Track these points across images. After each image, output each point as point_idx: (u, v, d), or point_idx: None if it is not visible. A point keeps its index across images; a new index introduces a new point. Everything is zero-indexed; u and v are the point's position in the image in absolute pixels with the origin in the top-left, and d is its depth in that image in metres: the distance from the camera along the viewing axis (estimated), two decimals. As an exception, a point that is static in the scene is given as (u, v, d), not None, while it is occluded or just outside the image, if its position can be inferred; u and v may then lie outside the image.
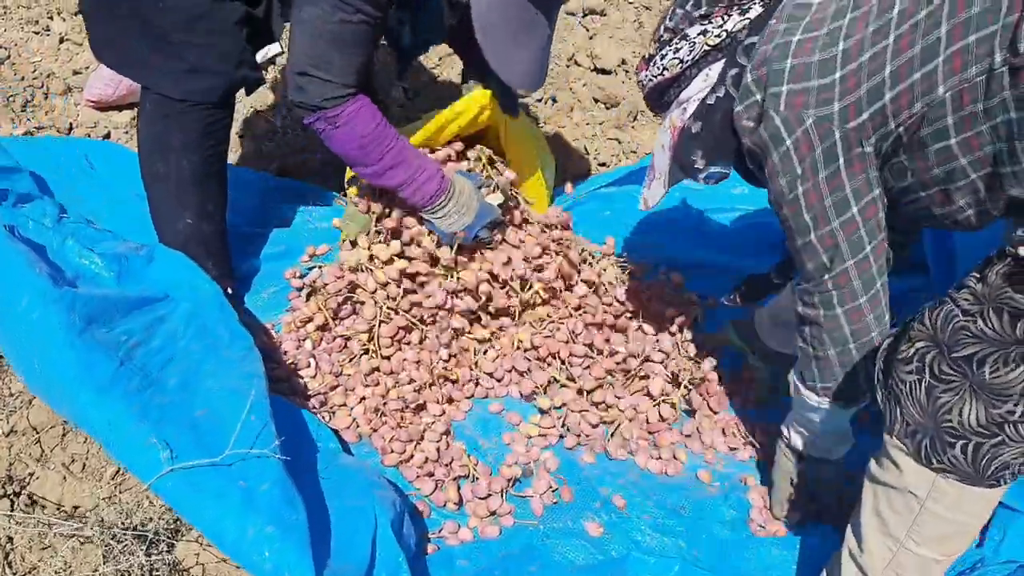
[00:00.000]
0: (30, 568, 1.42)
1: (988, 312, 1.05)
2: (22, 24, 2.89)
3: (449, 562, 1.57)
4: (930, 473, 1.16)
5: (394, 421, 1.79)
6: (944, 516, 1.18)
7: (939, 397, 1.12)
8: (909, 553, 1.24)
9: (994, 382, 1.06)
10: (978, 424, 1.09)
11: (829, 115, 1.19)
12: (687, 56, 1.36)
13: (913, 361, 1.15)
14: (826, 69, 1.18)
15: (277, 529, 1.23)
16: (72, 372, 1.36)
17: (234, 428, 1.31)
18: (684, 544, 1.64)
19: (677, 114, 1.41)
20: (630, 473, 1.79)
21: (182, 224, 1.82)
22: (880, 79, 1.14)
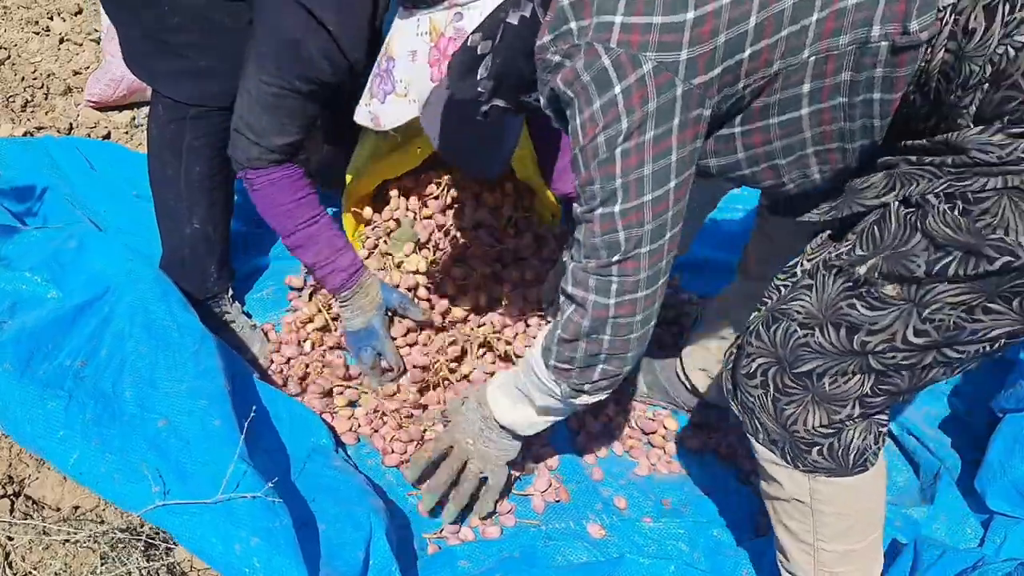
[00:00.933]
0: (30, 569, 1.42)
1: (826, 327, 1.08)
2: (22, 24, 2.89)
3: (450, 562, 1.57)
4: (803, 477, 1.20)
5: (395, 421, 1.79)
6: (836, 512, 1.21)
7: (784, 409, 1.15)
8: (826, 552, 1.27)
9: (833, 392, 1.11)
10: (822, 427, 1.14)
11: (673, 63, 0.95)
12: None
13: (757, 376, 1.17)
14: (675, 5, 0.94)
15: (263, 540, 1.21)
16: (25, 428, 1.30)
17: (196, 440, 1.28)
18: (685, 546, 1.64)
19: (445, 18, 1.11)
20: (631, 474, 1.79)
21: (189, 229, 1.82)
22: (743, 30, 0.95)
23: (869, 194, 1.05)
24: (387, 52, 1.19)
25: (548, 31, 1.02)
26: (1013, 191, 0.91)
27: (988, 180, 0.92)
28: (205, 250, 1.85)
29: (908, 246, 0.99)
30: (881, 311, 1.03)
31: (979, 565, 1.41)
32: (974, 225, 0.93)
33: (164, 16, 1.60)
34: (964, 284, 0.97)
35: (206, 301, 1.90)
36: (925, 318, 1.01)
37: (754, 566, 1.59)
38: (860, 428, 1.15)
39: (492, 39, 1.07)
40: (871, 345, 1.06)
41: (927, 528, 1.61)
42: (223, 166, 1.78)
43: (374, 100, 1.22)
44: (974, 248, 0.94)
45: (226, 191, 1.85)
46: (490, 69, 1.08)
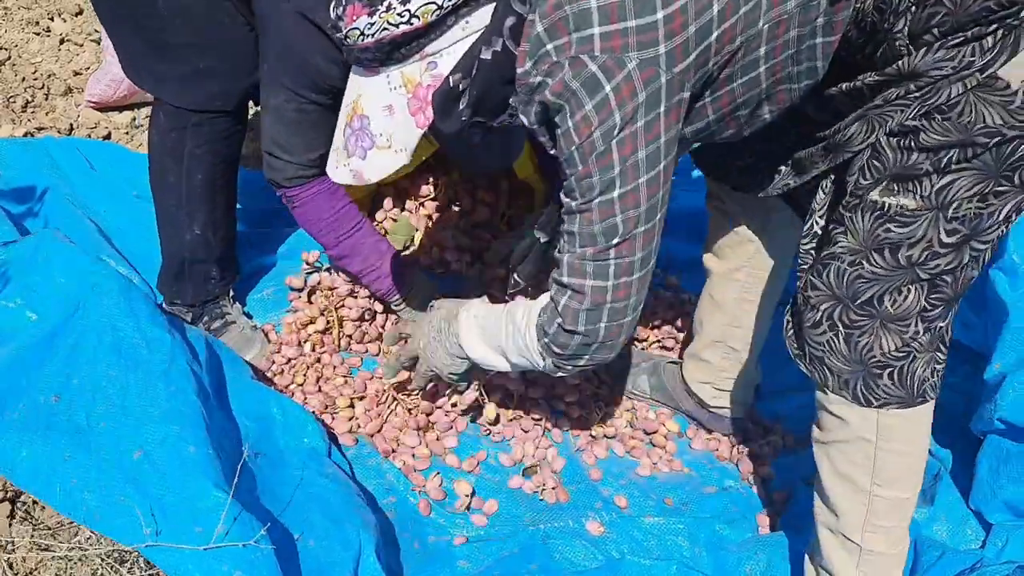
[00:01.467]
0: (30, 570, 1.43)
1: (871, 254, 1.20)
2: (23, 25, 2.89)
3: (450, 562, 1.57)
4: (872, 412, 1.29)
5: (399, 420, 1.79)
6: (897, 449, 1.30)
7: (858, 341, 1.25)
8: (880, 499, 1.33)
9: (897, 312, 1.22)
10: (896, 350, 1.24)
11: (655, 58, 1.05)
12: (445, 1, 1.11)
13: (823, 322, 1.27)
14: (645, 7, 1.03)
15: (245, 573, 1.19)
16: (6, 472, 1.29)
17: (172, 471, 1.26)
18: (686, 543, 1.64)
19: (418, 69, 1.17)
20: (632, 473, 1.79)
21: (190, 235, 1.82)
22: (709, 17, 1.06)
23: (855, 142, 1.17)
24: (355, 112, 1.23)
25: (527, 59, 1.10)
26: (974, 90, 1.05)
27: (951, 88, 1.05)
28: (205, 255, 1.85)
29: (910, 161, 1.12)
30: (913, 224, 1.16)
31: (978, 567, 1.41)
32: (960, 123, 1.07)
33: (162, 19, 1.59)
34: (971, 172, 1.10)
35: (206, 303, 1.90)
36: (951, 217, 1.14)
37: (757, 563, 1.59)
38: (925, 358, 1.26)
39: (468, 75, 1.14)
40: (915, 257, 1.18)
41: (927, 529, 1.61)
42: (224, 172, 1.78)
43: (352, 158, 1.25)
44: (966, 141, 1.08)
45: (227, 197, 1.85)
46: (468, 100, 1.15)
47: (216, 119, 1.71)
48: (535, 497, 1.72)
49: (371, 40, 1.14)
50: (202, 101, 1.69)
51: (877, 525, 1.35)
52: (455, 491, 1.69)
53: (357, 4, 1.13)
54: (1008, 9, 0.99)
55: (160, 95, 1.74)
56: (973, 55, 1.03)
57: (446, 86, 1.15)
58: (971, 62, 1.04)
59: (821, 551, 1.43)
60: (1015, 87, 1.03)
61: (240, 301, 2.02)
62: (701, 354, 1.80)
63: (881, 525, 1.35)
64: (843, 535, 1.38)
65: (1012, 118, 1.05)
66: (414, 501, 1.67)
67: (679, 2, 1.04)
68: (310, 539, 1.36)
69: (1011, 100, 1.04)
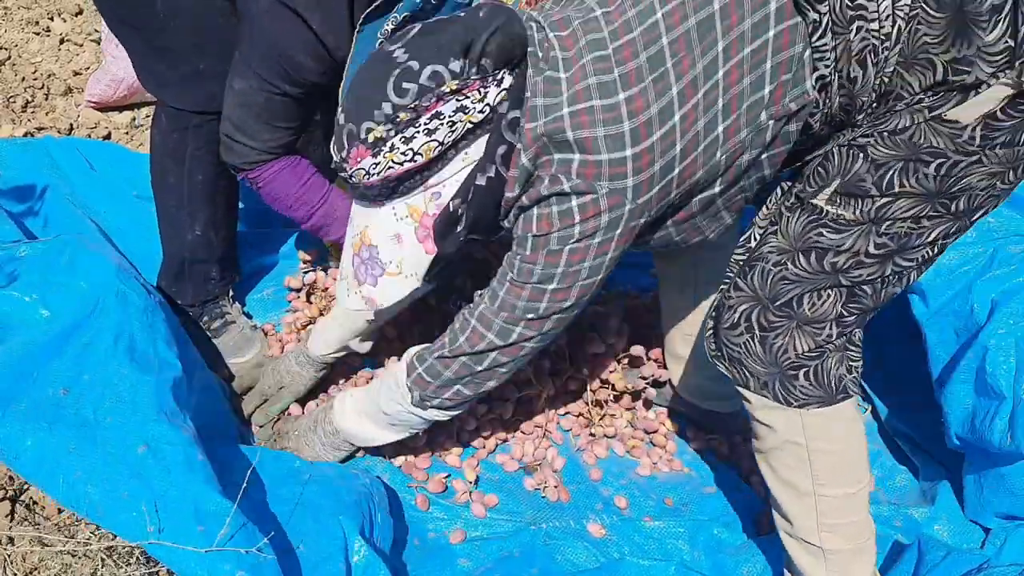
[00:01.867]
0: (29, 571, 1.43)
1: (798, 256, 1.24)
2: (23, 25, 2.89)
3: (450, 561, 1.57)
4: (795, 414, 1.33)
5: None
6: (828, 448, 1.34)
7: (773, 343, 1.30)
8: (826, 499, 1.36)
9: (813, 314, 1.27)
10: (808, 351, 1.29)
11: (623, 188, 1.18)
12: (447, 137, 1.19)
13: (740, 323, 1.32)
14: (616, 145, 1.15)
15: (248, 573, 1.19)
16: (11, 462, 1.29)
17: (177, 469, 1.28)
18: (685, 545, 1.64)
19: (423, 199, 1.25)
20: (632, 473, 1.79)
21: (191, 235, 1.82)
22: (672, 155, 1.18)
23: (806, 153, 1.25)
24: (364, 241, 1.31)
25: (516, 185, 1.22)
26: (924, 123, 1.11)
27: (901, 119, 1.12)
28: (206, 255, 1.85)
29: (854, 170, 1.17)
30: (845, 233, 1.21)
31: (984, 568, 1.41)
32: (910, 141, 1.12)
33: (161, 21, 1.59)
34: (911, 197, 1.16)
35: (206, 303, 1.90)
36: (882, 232, 1.19)
37: (755, 565, 1.59)
38: (836, 357, 1.30)
39: (465, 200, 1.24)
40: (840, 263, 1.23)
41: (928, 528, 1.61)
42: (226, 174, 1.78)
43: (364, 286, 1.34)
44: (912, 156, 1.13)
45: (228, 197, 1.85)
46: (466, 223, 1.27)
47: (217, 120, 1.71)
48: (536, 494, 1.72)
49: (377, 179, 1.21)
50: (202, 102, 1.69)
51: (830, 524, 1.37)
52: (454, 487, 1.69)
53: (361, 147, 1.19)
54: (968, 88, 1.07)
55: (161, 97, 1.74)
56: (923, 95, 1.11)
57: (447, 211, 1.25)
58: (920, 99, 1.11)
59: (792, 560, 1.44)
60: (965, 122, 1.09)
61: (240, 301, 2.02)
62: (679, 351, 1.83)
63: (834, 523, 1.37)
64: (802, 539, 1.40)
65: (958, 147, 1.11)
66: (411, 498, 1.67)
67: (647, 142, 1.15)
68: (299, 544, 1.37)
69: (959, 134, 1.10)
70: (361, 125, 1.17)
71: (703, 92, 1.15)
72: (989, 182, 1.14)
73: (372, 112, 1.17)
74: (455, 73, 1.15)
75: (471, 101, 1.18)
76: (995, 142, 1.09)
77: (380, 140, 1.17)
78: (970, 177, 1.13)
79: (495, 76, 1.18)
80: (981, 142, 1.09)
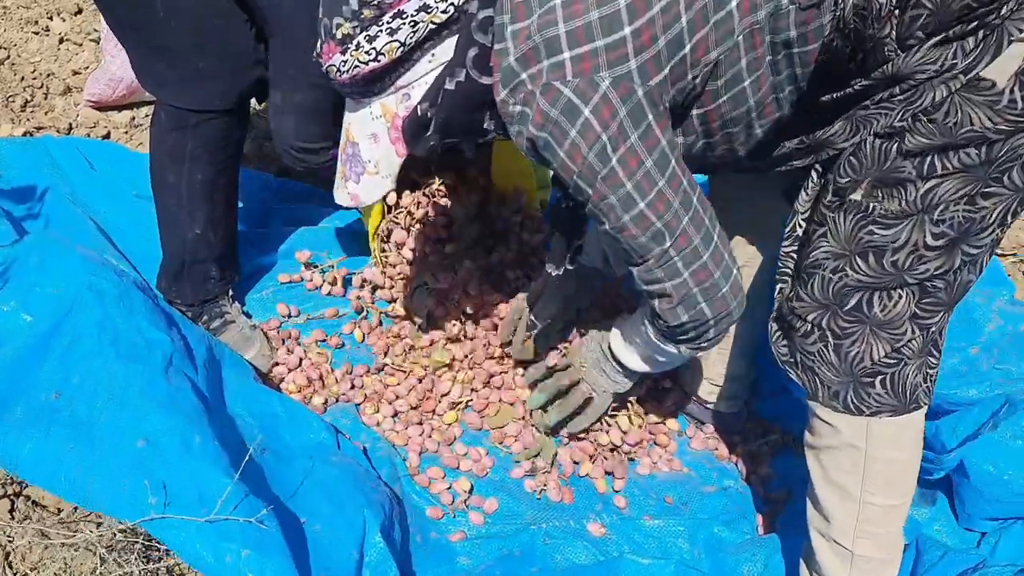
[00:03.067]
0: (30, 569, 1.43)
1: (855, 259, 1.18)
2: (22, 24, 2.89)
3: (450, 558, 1.57)
4: (862, 420, 1.28)
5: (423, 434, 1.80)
6: (887, 457, 1.30)
7: (849, 351, 1.24)
8: (871, 507, 1.33)
9: (887, 317, 1.20)
10: (886, 356, 1.23)
11: (627, 73, 1.07)
12: (408, 38, 1.14)
13: (813, 331, 1.26)
14: (612, 25, 1.05)
15: (253, 551, 1.21)
16: (9, 466, 1.32)
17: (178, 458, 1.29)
18: (685, 544, 1.64)
19: (394, 100, 1.22)
20: (632, 472, 1.79)
21: (191, 235, 1.82)
22: (678, 29, 1.07)
23: (836, 140, 1.17)
24: (348, 138, 1.29)
25: (502, 88, 1.13)
26: (959, 92, 1.04)
27: (935, 92, 1.05)
28: (206, 255, 1.85)
29: (889, 163, 1.12)
30: (896, 227, 1.14)
31: (980, 567, 1.41)
32: (945, 126, 1.06)
33: (160, 20, 1.59)
34: (956, 177, 1.08)
35: (206, 302, 1.90)
36: (936, 220, 1.12)
37: (755, 564, 1.60)
38: (916, 363, 1.25)
39: (434, 103, 1.19)
40: (900, 262, 1.16)
41: (928, 528, 1.62)
42: (225, 172, 1.78)
43: (349, 182, 1.31)
44: (951, 144, 1.07)
45: (228, 196, 1.84)
46: (435, 127, 1.21)
47: (217, 119, 1.71)
48: (535, 495, 1.72)
49: (346, 76, 1.18)
50: (202, 101, 1.69)
51: (868, 531, 1.35)
52: (454, 488, 1.70)
53: (331, 43, 1.17)
54: (988, 6, 0.99)
55: (160, 96, 1.74)
56: (955, 57, 1.02)
57: (414, 114, 1.20)
58: (953, 64, 1.03)
59: (814, 555, 1.43)
60: (1001, 85, 1.02)
61: (239, 301, 2.02)
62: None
63: (872, 531, 1.35)
64: (835, 540, 1.38)
65: (999, 117, 1.04)
66: (414, 495, 1.68)
67: (646, 16, 1.05)
68: (316, 524, 1.37)
69: (998, 100, 1.03)
70: (333, 20, 1.15)
71: None
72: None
73: (341, 7, 1.14)
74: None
75: None
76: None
77: (347, 36, 1.15)
78: (1015, 146, 1.05)
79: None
80: (1023, 106, 1.02)
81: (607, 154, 1.11)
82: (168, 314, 1.59)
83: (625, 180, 1.13)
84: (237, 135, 1.79)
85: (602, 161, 1.11)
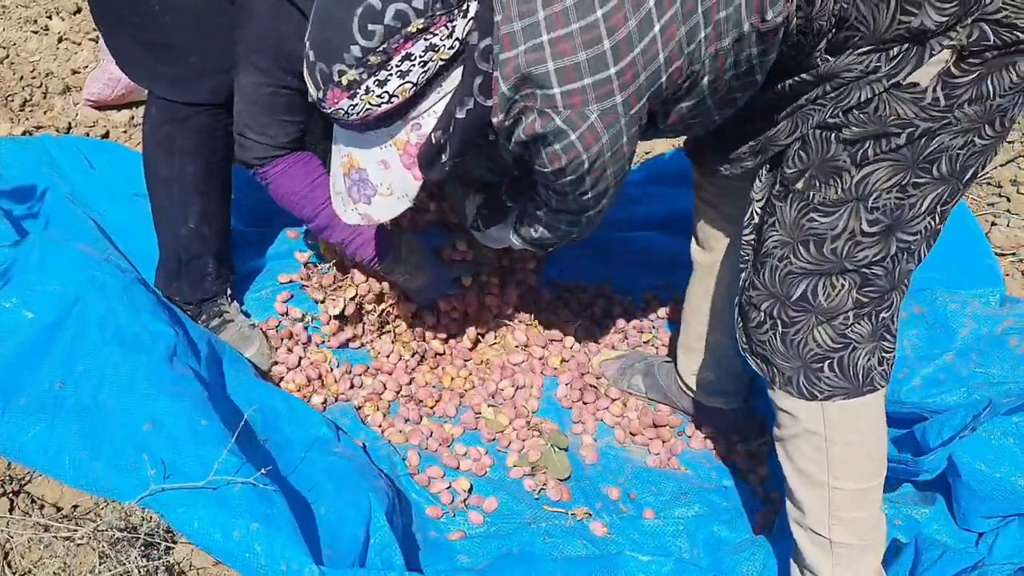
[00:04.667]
0: (29, 568, 1.42)
1: (798, 247, 1.27)
2: (21, 23, 2.89)
3: (449, 556, 1.58)
4: (817, 405, 1.34)
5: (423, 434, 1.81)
6: (846, 440, 1.35)
7: (794, 338, 1.31)
8: (839, 491, 1.37)
9: (831, 305, 1.28)
10: (832, 342, 1.30)
11: (612, 107, 1.15)
12: (420, 78, 1.18)
13: (765, 321, 1.34)
14: (598, 66, 1.13)
15: (262, 524, 1.23)
16: (14, 453, 1.33)
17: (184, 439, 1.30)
18: (685, 543, 1.65)
19: (406, 131, 1.27)
20: (631, 471, 1.80)
21: (185, 230, 1.82)
22: (656, 65, 1.15)
23: (781, 136, 1.27)
24: (352, 164, 1.32)
25: (500, 110, 1.18)
26: (885, 92, 1.14)
27: (862, 92, 1.15)
28: (202, 250, 1.85)
29: (830, 153, 1.20)
30: (834, 214, 1.23)
31: (979, 566, 1.42)
32: (875, 114, 1.15)
33: (153, 15, 1.60)
34: (887, 164, 1.18)
35: (204, 301, 1.90)
36: (871, 207, 1.21)
37: (754, 563, 1.60)
38: (867, 348, 1.31)
39: (447, 131, 1.23)
40: (839, 249, 1.24)
41: (928, 528, 1.62)
42: (217, 166, 1.78)
43: (359, 204, 1.35)
44: (881, 132, 1.16)
45: (221, 191, 1.85)
46: (450, 153, 1.25)
47: (207, 112, 1.72)
48: (533, 495, 1.72)
49: (356, 119, 1.22)
50: (192, 95, 1.69)
51: (841, 517, 1.38)
52: (454, 488, 1.70)
53: (336, 89, 1.18)
54: (919, 37, 1.08)
55: (152, 89, 1.74)
56: (879, 62, 1.12)
57: (429, 143, 1.24)
58: (878, 67, 1.12)
59: (799, 549, 1.45)
60: (924, 85, 1.11)
61: (238, 300, 2.02)
62: (693, 344, 1.82)
63: (844, 517, 1.38)
64: (812, 530, 1.42)
65: (924, 112, 1.12)
66: (414, 492, 1.68)
67: (629, 57, 1.12)
68: (321, 507, 1.39)
69: (921, 97, 1.12)
70: (333, 67, 1.16)
71: (680, 1, 1.12)
72: (965, 139, 1.14)
73: (341, 55, 1.15)
74: (419, 11, 1.13)
75: (440, 38, 1.15)
76: (961, 100, 1.11)
77: (354, 83, 1.17)
78: (942, 138, 1.14)
79: (460, 7, 1.15)
80: (946, 102, 1.11)
81: (582, 167, 1.20)
82: (170, 309, 1.60)
83: (588, 185, 1.24)
84: (228, 128, 1.79)
85: (575, 172, 1.21)
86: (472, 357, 1.97)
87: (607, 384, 1.95)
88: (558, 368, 1.96)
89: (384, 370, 1.91)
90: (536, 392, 1.91)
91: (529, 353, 1.97)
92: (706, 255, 1.72)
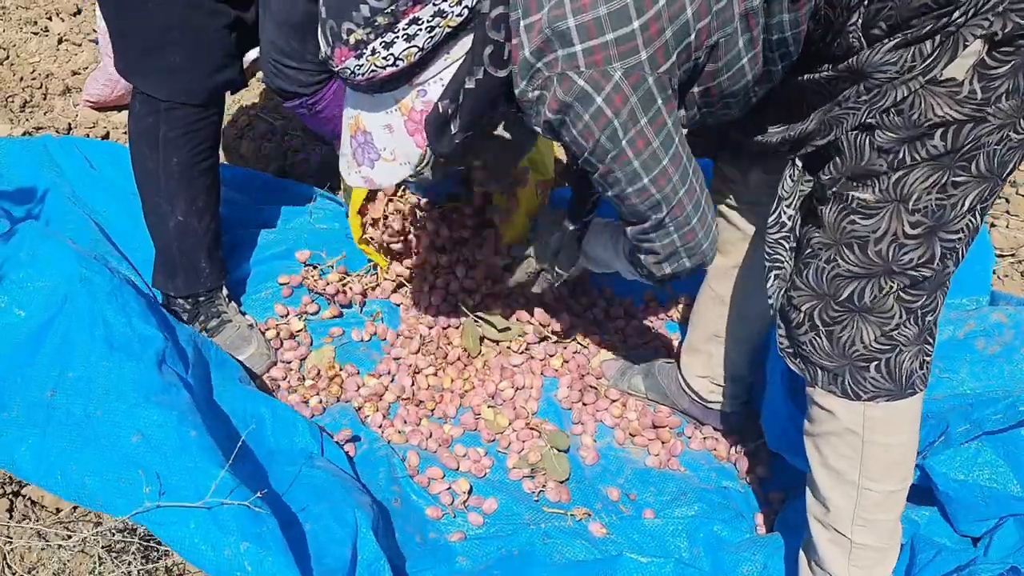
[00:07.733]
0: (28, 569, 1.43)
1: (842, 249, 1.25)
2: (21, 24, 2.89)
3: (449, 558, 1.57)
4: (859, 405, 1.33)
5: (423, 435, 1.81)
6: (884, 442, 1.34)
7: (840, 336, 1.30)
8: (869, 492, 1.36)
9: (876, 305, 1.26)
10: (876, 341, 1.28)
11: (638, 64, 1.12)
12: (426, 43, 1.17)
13: (805, 322, 1.32)
14: (620, 20, 1.10)
15: (252, 544, 1.23)
16: (6, 465, 1.33)
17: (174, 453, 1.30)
18: (684, 543, 1.65)
19: (411, 96, 1.25)
20: (631, 472, 1.79)
21: (173, 222, 1.82)
22: (684, 20, 1.12)
23: (816, 136, 1.25)
24: (358, 126, 1.31)
25: (520, 79, 1.17)
26: (919, 91, 1.12)
27: (897, 92, 1.13)
28: (192, 243, 1.85)
29: (866, 160, 1.19)
30: (875, 216, 1.21)
31: (972, 563, 1.42)
32: (910, 120, 1.13)
33: (150, 16, 1.62)
34: (925, 166, 1.16)
35: (202, 301, 1.90)
36: (912, 209, 1.19)
37: (754, 564, 1.60)
38: (912, 351, 1.30)
39: (456, 101, 1.22)
40: (883, 252, 1.23)
41: (923, 529, 1.62)
42: (202, 156, 1.79)
43: (363, 167, 1.33)
44: (916, 135, 1.14)
45: (207, 182, 1.85)
46: (459, 124, 1.24)
47: (187, 107, 1.73)
48: (534, 497, 1.72)
49: (362, 79, 1.21)
50: (170, 93, 1.71)
51: (866, 519, 1.38)
52: (454, 489, 1.70)
53: (344, 48, 1.17)
54: (944, 8, 1.06)
55: (132, 83, 1.76)
56: (914, 59, 1.10)
57: (436, 112, 1.23)
58: (913, 65, 1.11)
59: (814, 545, 1.45)
60: (960, 78, 1.09)
61: (236, 300, 2.02)
62: (699, 346, 1.81)
63: (870, 519, 1.38)
64: (833, 528, 1.41)
65: (959, 106, 1.11)
66: (413, 494, 1.68)
67: (653, 9, 1.10)
68: (308, 523, 1.38)
69: (958, 91, 1.10)
70: (342, 25, 1.15)
71: None
72: (1001, 135, 1.13)
73: (351, 13, 1.14)
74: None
75: (448, 4, 1.14)
76: (998, 92, 1.09)
77: (361, 43, 1.16)
78: (978, 135, 1.12)
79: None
80: (983, 95, 1.09)
81: (618, 136, 1.17)
82: (159, 310, 1.60)
83: (633, 159, 1.20)
84: (212, 119, 1.80)
85: (612, 142, 1.18)
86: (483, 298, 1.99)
87: (607, 385, 1.96)
88: (558, 369, 1.96)
89: (388, 371, 1.92)
90: (536, 393, 1.91)
91: (529, 354, 1.97)
92: (724, 259, 1.72)
